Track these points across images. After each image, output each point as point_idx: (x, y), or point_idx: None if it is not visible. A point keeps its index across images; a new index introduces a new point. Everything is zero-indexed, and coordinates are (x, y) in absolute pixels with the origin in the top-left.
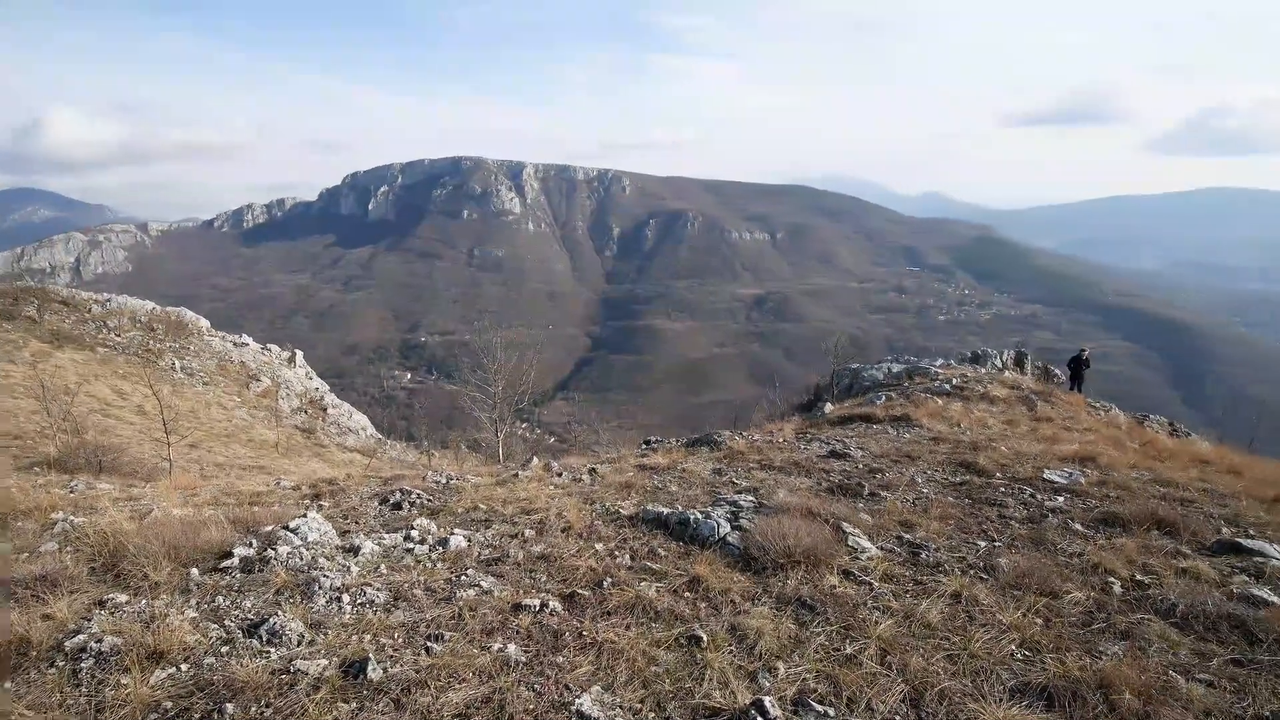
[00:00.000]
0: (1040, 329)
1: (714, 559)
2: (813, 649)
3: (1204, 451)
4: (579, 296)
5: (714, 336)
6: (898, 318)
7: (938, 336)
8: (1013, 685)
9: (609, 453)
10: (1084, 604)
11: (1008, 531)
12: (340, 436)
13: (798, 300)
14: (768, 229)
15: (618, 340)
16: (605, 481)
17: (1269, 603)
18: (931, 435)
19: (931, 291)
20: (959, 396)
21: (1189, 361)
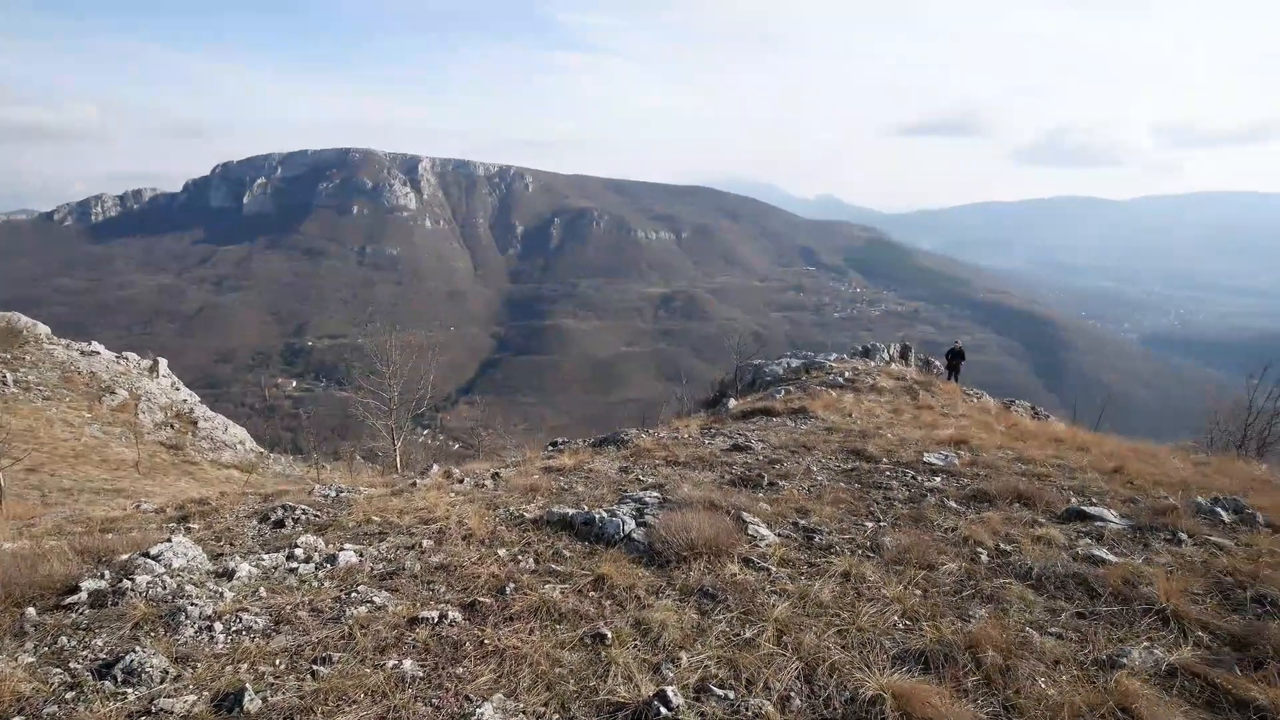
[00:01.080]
0: (923, 324)
1: (619, 556)
2: (714, 636)
3: (1059, 431)
4: (482, 296)
5: (622, 335)
6: (797, 315)
7: (834, 332)
8: (895, 653)
9: (514, 456)
10: (956, 574)
11: (892, 512)
12: (215, 452)
13: (704, 299)
14: (673, 229)
15: (524, 341)
16: (509, 486)
17: (1107, 561)
18: (826, 426)
19: (827, 290)
20: (851, 388)
21: (1048, 351)
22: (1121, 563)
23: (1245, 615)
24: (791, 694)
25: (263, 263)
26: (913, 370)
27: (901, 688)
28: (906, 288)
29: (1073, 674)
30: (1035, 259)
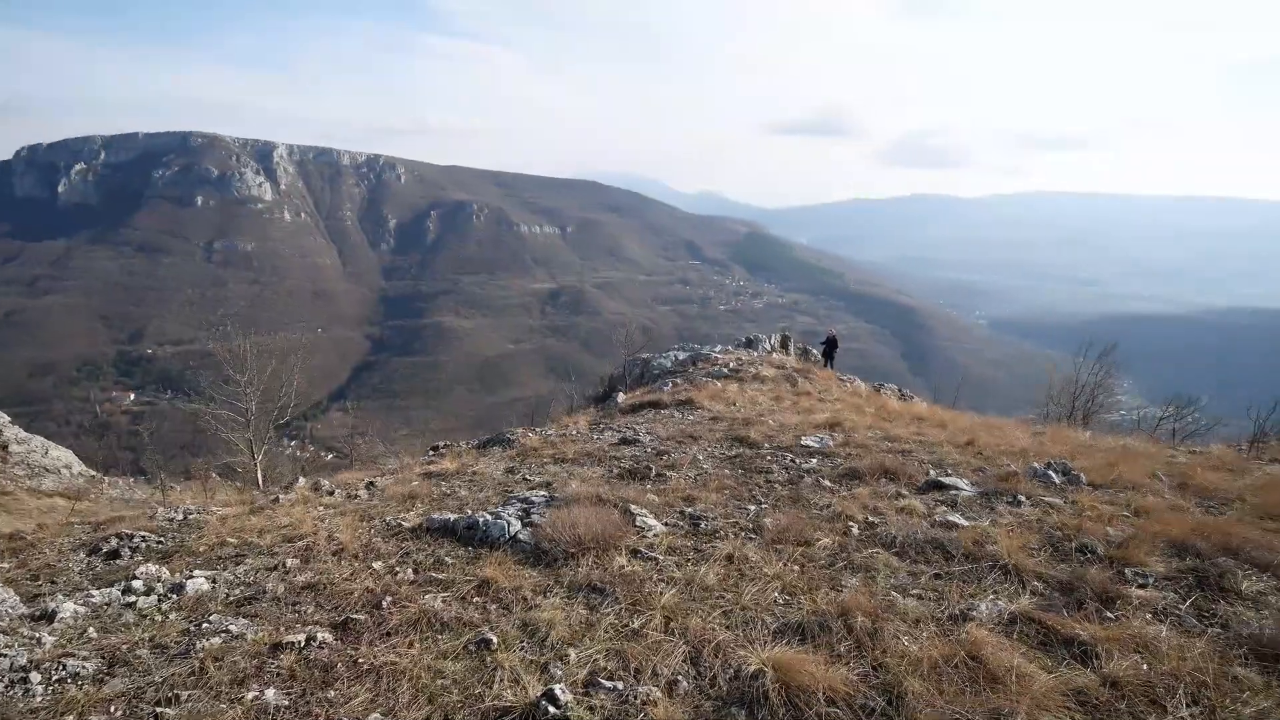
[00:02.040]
0: (802, 315)
1: (505, 559)
2: (603, 630)
3: (921, 410)
4: (352, 294)
5: (508, 333)
6: (684, 308)
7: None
8: (776, 628)
9: (393, 464)
10: (831, 548)
11: (773, 494)
12: (33, 479)
13: (591, 293)
14: (557, 223)
15: (402, 341)
16: (386, 495)
17: (960, 525)
18: (711, 415)
19: (712, 284)
20: (735, 378)
21: (913, 337)
22: (972, 526)
23: (1071, 563)
24: (679, 678)
25: (86, 260)
26: (792, 359)
27: (781, 659)
28: (786, 280)
29: (931, 630)
30: (901, 253)
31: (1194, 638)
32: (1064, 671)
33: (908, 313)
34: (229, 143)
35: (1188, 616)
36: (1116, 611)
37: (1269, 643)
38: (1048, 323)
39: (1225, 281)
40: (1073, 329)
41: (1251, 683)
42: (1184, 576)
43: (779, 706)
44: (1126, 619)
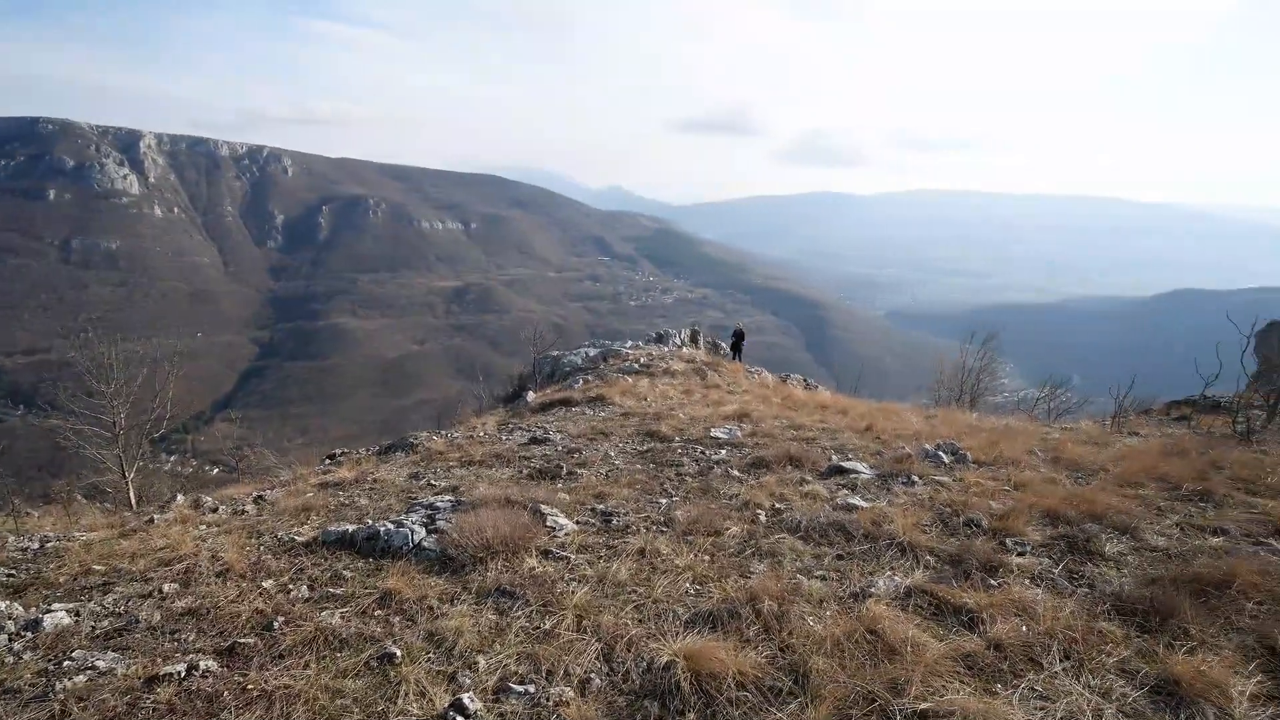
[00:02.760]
0: (711, 309)
1: (409, 568)
2: (513, 634)
3: (825, 399)
4: (236, 296)
5: (412, 333)
6: (595, 304)
7: (631, 320)
8: (687, 618)
9: (285, 475)
10: (740, 536)
11: (683, 486)
12: None
13: (499, 291)
14: (461, 218)
15: (295, 344)
16: (277, 509)
17: (859, 507)
18: (623, 411)
19: (622, 279)
20: (646, 373)
21: (817, 329)
22: (870, 507)
23: (959, 537)
24: (592, 676)
25: None
26: (702, 352)
27: (692, 649)
28: (695, 275)
29: (834, 609)
30: (802, 248)
31: (1065, 598)
32: (954, 638)
33: (811, 306)
34: (86, 130)
35: (1060, 579)
36: (999, 579)
37: (1128, 598)
38: (939, 313)
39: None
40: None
41: (1114, 635)
42: (1057, 543)
43: (691, 695)
44: (1007, 585)
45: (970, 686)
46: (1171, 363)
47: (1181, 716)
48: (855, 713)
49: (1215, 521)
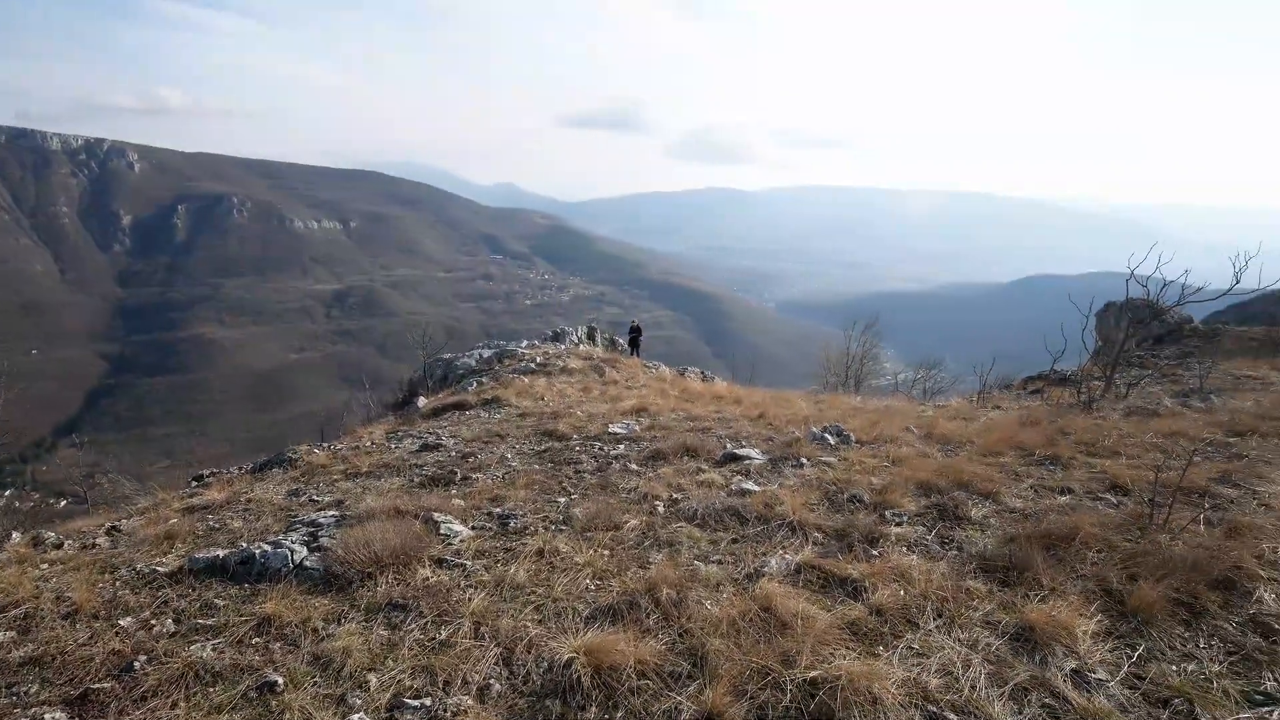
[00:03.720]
0: (610, 305)
1: (289, 590)
2: (407, 648)
3: (720, 390)
4: (78, 306)
5: (289, 341)
6: (489, 304)
7: (527, 319)
8: (588, 614)
9: (145, 501)
10: (639, 528)
11: (582, 483)
12: None
13: (384, 293)
14: (339, 217)
15: (152, 358)
16: (135, 539)
17: (752, 491)
18: (519, 412)
19: (516, 278)
20: (543, 372)
21: (713, 322)
22: (762, 491)
23: (844, 513)
24: (491, 681)
25: None
26: (600, 349)
27: (593, 644)
28: (591, 272)
29: (730, 591)
30: (696, 243)
31: (937, 561)
32: (840, 608)
33: (707, 299)
34: None
35: (933, 544)
36: (880, 549)
37: (991, 557)
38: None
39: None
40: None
41: (979, 591)
42: (930, 511)
43: (592, 689)
44: (887, 554)
45: (855, 651)
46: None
47: (1037, 658)
48: (751, 687)
49: (1063, 482)
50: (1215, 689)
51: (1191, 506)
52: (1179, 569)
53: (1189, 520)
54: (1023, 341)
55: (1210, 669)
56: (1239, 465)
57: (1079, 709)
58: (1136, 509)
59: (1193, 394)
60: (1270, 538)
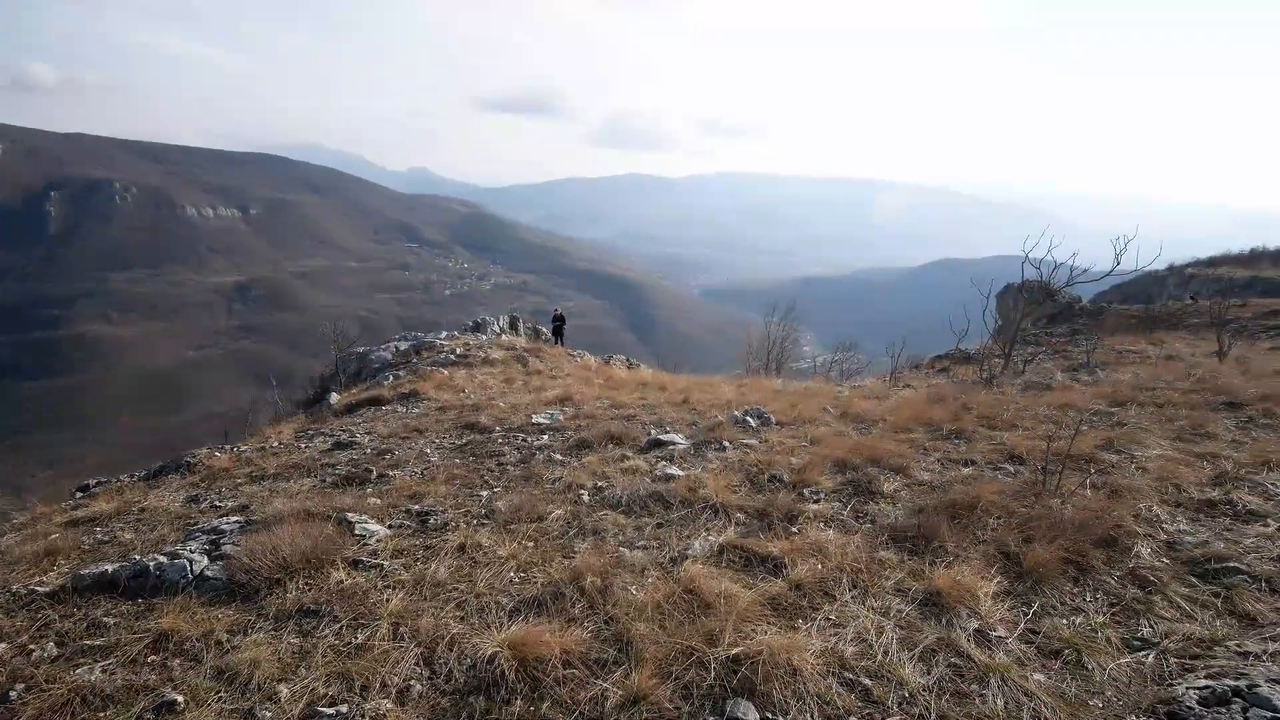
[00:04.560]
0: (533, 294)
1: (189, 603)
2: (321, 655)
3: (646, 377)
4: None
5: (187, 338)
6: (407, 295)
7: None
8: (512, 607)
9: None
10: (564, 518)
11: (505, 476)
12: None
13: (292, 285)
14: (238, 205)
15: (29, 361)
16: (9, 557)
17: (676, 476)
18: (439, 405)
19: (434, 267)
20: (464, 364)
21: (638, 310)
22: (686, 475)
23: (765, 493)
24: (412, 682)
25: None
26: (523, 339)
27: (517, 637)
28: (513, 260)
29: (655, 575)
30: (620, 230)
31: (852, 535)
32: (761, 586)
33: (631, 287)
34: None
35: (848, 519)
36: (798, 526)
37: (901, 528)
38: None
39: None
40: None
41: (891, 561)
42: (845, 488)
43: (517, 682)
44: (805, 531)
45: (776, 626)
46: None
47: (943, 621)
48: (676, 668)
49: (966, 455)
50: (1100, 638)
51: (1079, 472)
52: (1068, 530)
53: (1077, 485)
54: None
55: (1095, 620)
56: (1120, 433)
57: (981, 665)
58: (1031, 477)
59: (1081, 368)
60: (1146, 498)
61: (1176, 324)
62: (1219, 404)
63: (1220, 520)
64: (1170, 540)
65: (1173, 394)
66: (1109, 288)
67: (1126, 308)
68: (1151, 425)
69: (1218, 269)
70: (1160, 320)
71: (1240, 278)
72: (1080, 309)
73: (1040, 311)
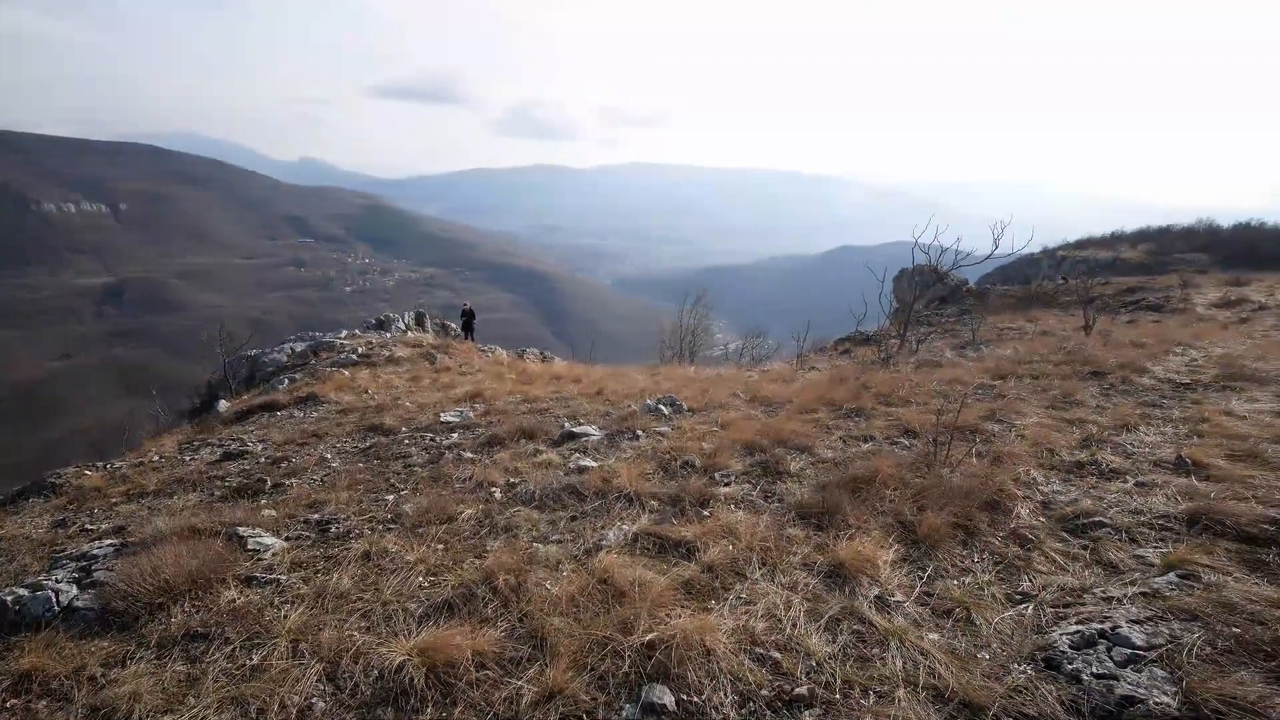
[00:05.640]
0: (441, 289)
1: (57, 638)
2: (211, 680)
3: (560, 370)
4: None
5: (49, 346)
6: (303, 293)
7: (349, 308)
8: (421, 613)
9: None
10: (475, 517)
11: (412, 478)
12: None
13: (172, 286)
14: (105, 199)
15: None
16: None
17: (590, 467)
18: (340, 408)
19: (332, 263)
20: (367, 364)
21: (551, 302)
22: (600, 466)
23: (677, 479)
24: (314, 700)
25: None
26: (430, 336)
27: (426, 643)
28: (417, 255)
29: (569, 569)
30: (528, 222)
31: (761, 515)
32: (675, 570)
33: (543, 280)
34: None
35: (758, 499)
36: (710, 509)
37: (807, 505)
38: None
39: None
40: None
41: (798, 538)
42: (754, 469)
43: (427, 689)
44: (717, 514)
45: (690, 609)
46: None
47: (847, 590)
48: (591, 660)
49: (866, 431)
50: (986, 595)
51: (966, 442)
52: (957, 497)
53: (964, 454)
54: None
55: (982, 579)
56: (1001, 404)
57: (881, 630)
58: (924, 449)
59: (968, 346)
60: (1024, 463)
61: (1050, 302)
62: (1086, 374)
63: (1088, 479)
64: (1046, 500)
65: (1046, 366)
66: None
67: (1008, 289)
68: (1028, 396)
69: (1084, 251)
70: (1036, 299)
71: (1104, 258)
72: (967, 291)
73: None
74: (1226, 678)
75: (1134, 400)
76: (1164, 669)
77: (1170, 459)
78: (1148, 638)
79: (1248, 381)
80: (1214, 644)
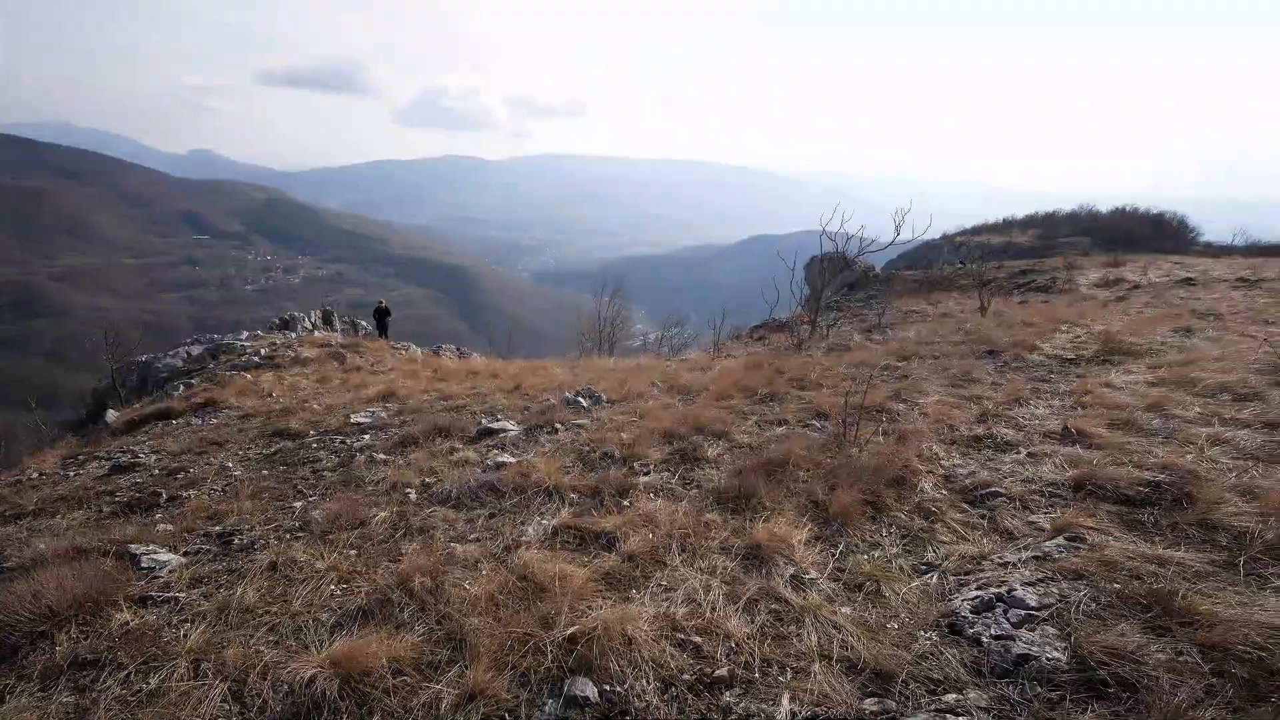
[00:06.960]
0: (350, 285)
1: None
2: (103, 710)
3: (477, 365)
4: None
5: None
6: (199, 293)
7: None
8: (334, 623)
9: None
10: (389, 520)
11: (321, 483)
12: None
13: (49, 288)
14: None
15: None
16: None
17: (508, 463)
18: (242, 413)
19: (231, 260)
20: (270, 366)
21: (467, 296)
22: (518, 461)
23: (597, 471)
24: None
25: None
26: (339, 335)
27: (339, 653)
28: (324, 250)
29: (488, 567)
30: (441, 214)
31: (680, 502)
32: (596, 562)
33: (458, 273)
34: None
35: (676, 487)
36: (630, 499)
37: (724, 490)
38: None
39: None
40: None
41: (716, 522)
42: (673, 457)
43: (341, 701)
44: (637, 503)
45: (611, 600)
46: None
47: (764, 571)
48: (512, 658)
49: (780, 415)
50: (894, 567)
51: (873, 422)
52: (865, 475)
53: (871, 434)
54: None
55: (890, 552)
56: (905, 384)
57: (797, 607)
58: (834, 430)
59: (875, 329)
60: (927, 439)
61: (950, 286)
62: (982, 353)
63: (985, 452)
64: (947, 474)
65: (946, 346)
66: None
67: (911, 273)
68: (930, 375)
69: (980, 236)
70: (937, 283)
71: (997, 243)
72: (874, 277)
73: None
74: (1109, 631)
75: (1025, 376)
76: (1055, 627)
77: (1058, 430)
78: (1040, 598)
79: (1125, 355)
80: (1098, 600)
